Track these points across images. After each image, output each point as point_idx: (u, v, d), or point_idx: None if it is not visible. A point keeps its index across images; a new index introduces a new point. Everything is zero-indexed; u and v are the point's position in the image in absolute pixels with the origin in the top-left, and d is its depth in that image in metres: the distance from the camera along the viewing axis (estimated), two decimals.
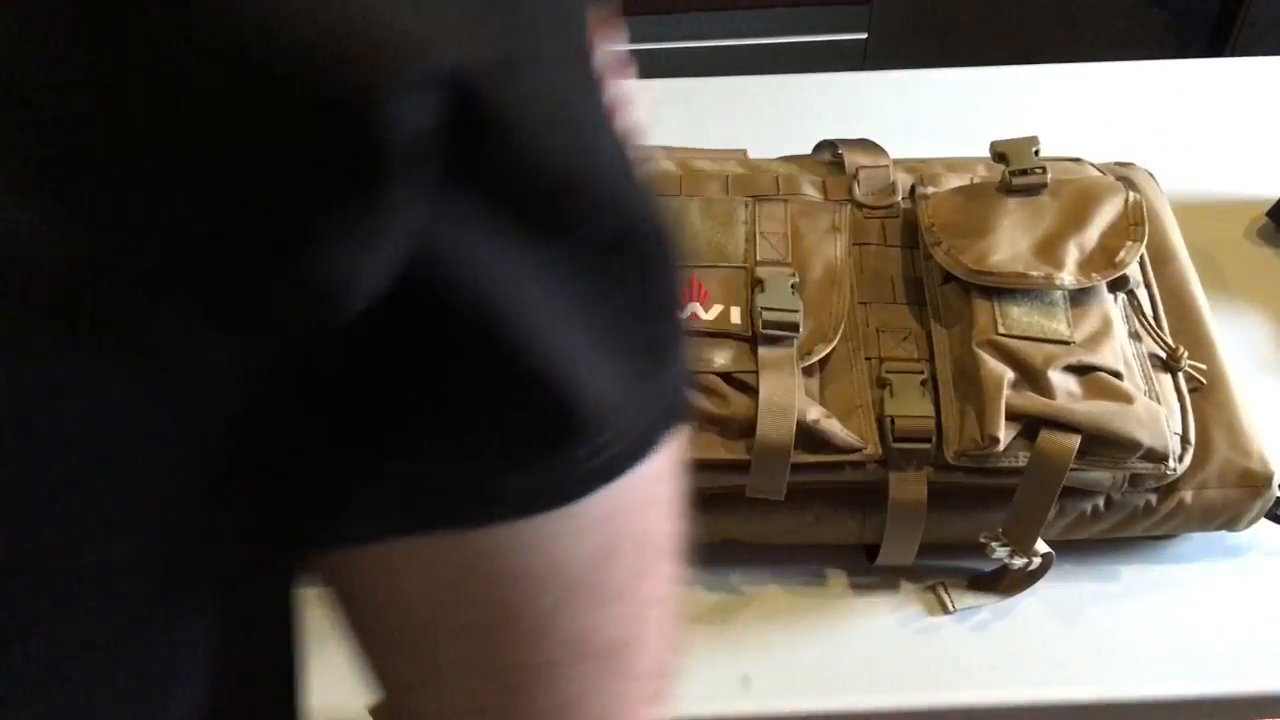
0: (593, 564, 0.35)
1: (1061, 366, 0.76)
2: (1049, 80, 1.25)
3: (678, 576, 0.40)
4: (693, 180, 0.90)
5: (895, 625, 0.82)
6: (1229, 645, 0.81)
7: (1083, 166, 0.94)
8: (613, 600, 0.37)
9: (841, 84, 1.25)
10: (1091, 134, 1.13)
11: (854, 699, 0.78)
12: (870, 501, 0.79)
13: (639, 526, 0.37)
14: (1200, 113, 1.21)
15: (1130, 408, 0.75)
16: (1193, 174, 1.12)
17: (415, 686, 0.38)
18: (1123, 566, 0.85)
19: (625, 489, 0.34)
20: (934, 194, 0.86)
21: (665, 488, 0.37)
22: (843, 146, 0.94)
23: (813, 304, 0.81)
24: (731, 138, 1.00)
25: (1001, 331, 0.77)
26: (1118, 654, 0.80)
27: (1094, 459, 0.75)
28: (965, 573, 0.84)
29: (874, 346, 0.81)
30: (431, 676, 0.37)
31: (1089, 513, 0.81)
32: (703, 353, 0.78)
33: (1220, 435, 0.82)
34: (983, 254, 0.80)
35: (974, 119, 1.18)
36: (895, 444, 0.77)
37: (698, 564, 0.84)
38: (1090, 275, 0.79)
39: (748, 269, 0.82)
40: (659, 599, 0.39)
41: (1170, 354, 0.82)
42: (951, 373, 0.78)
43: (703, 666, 0.79)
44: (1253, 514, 0.82)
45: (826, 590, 0.84)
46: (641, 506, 0.36)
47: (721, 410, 0.76)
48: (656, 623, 0.39)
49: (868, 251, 0.86)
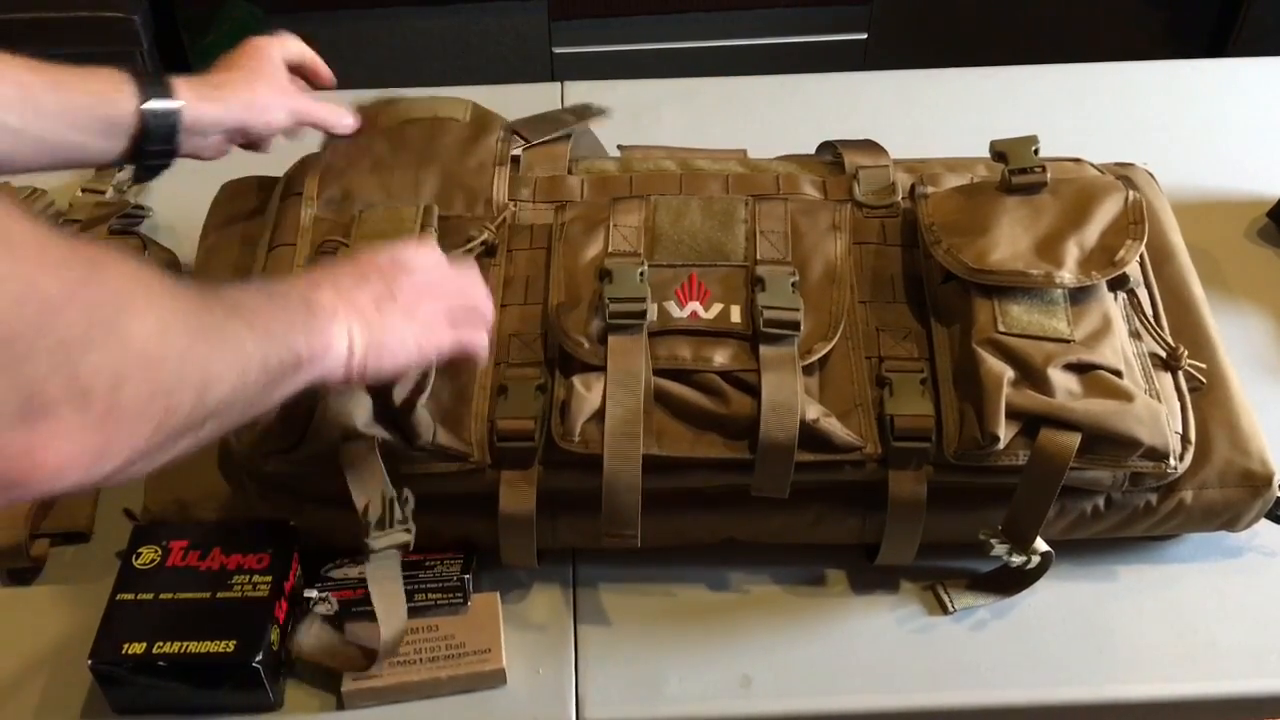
0: None
1: (1061, 365, 0.76)
2: (1049, 80, 1.25)
3: None
4: (693, 179, 0.90)
5: (895, 625, 0.82)
6: (1229, 645, 0.81)
7: (1082, 166, 0.94)
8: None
9: (841, 84, 1.25)
10: (1091, 134, 1.13)
11: (854, 699, 0.78)
12: (870, 501, 0.79)
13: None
14: (1200, 113, 1.21)
15: (1130, 406, 0.75)
16: (1193, 174, 1.12)
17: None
18: (1123, 566, 0.85)
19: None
20: (934, 193, 0.86)
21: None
22: (843, 147, 0.94)
23: (813, 303, 0.80)
24: (731, 138, 1.00)
25: (1001, 330, 0.77)
26: (1118, 654, 0.80)
27: (1094, 458, 0.75)
28: (965, 573, 0.84)
29: (874, 345, 0.81)
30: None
31: (1089, 512, 0.81)
32: (703, 351, 0.78)
33: (1220, 435, 0.82)
34: (983, 252, 0.80)
35: (974, 119, 1.18)
36: (895, 443, 0.77)
37: (698, 564, 0.84)
38: (1090, 274, 0.79)
39: (748, 268, 0.82)
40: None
41: (1170, 353, 0.82)
42: (951, 371, 0.78)
43: (703, 666, 0.79)
44: (1253, 514, 0.82)
45: (826, 590, 0.84)
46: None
47: (722, 409, 0.76)
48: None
49: (868, 251, 0.86)
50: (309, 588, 0.79)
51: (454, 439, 0.75)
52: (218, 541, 0.78)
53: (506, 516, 0.77)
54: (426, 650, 0.78)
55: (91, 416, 0.44)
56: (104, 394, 0.45)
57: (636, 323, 0.78)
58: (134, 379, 0.46)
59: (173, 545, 0.78)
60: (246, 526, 0.79)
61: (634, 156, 0.94)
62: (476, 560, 0.81)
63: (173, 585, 0.76)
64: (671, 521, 0.80)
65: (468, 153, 0.89)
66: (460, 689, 0.77)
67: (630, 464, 0.74)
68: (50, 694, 0.77)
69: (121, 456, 0.47)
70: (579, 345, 0.78)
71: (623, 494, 0.74)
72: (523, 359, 0.80)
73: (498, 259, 0.85)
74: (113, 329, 0.45)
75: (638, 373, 0.76)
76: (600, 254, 0.82)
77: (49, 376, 0.43)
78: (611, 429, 0.74)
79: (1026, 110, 1.21)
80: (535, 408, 0.77)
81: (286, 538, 0.79)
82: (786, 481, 0.76)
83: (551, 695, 0.78)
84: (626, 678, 0.79)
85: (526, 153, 0.93)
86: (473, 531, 0.80)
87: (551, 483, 0.77)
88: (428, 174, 0.87)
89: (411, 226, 0.83)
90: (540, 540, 0.79)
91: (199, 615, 0.74)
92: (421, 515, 0.78)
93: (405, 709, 0.77)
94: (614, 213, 0.84)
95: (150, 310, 0.47)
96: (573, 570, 0.84)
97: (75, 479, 0.45)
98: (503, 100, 0.99)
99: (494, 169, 0.89)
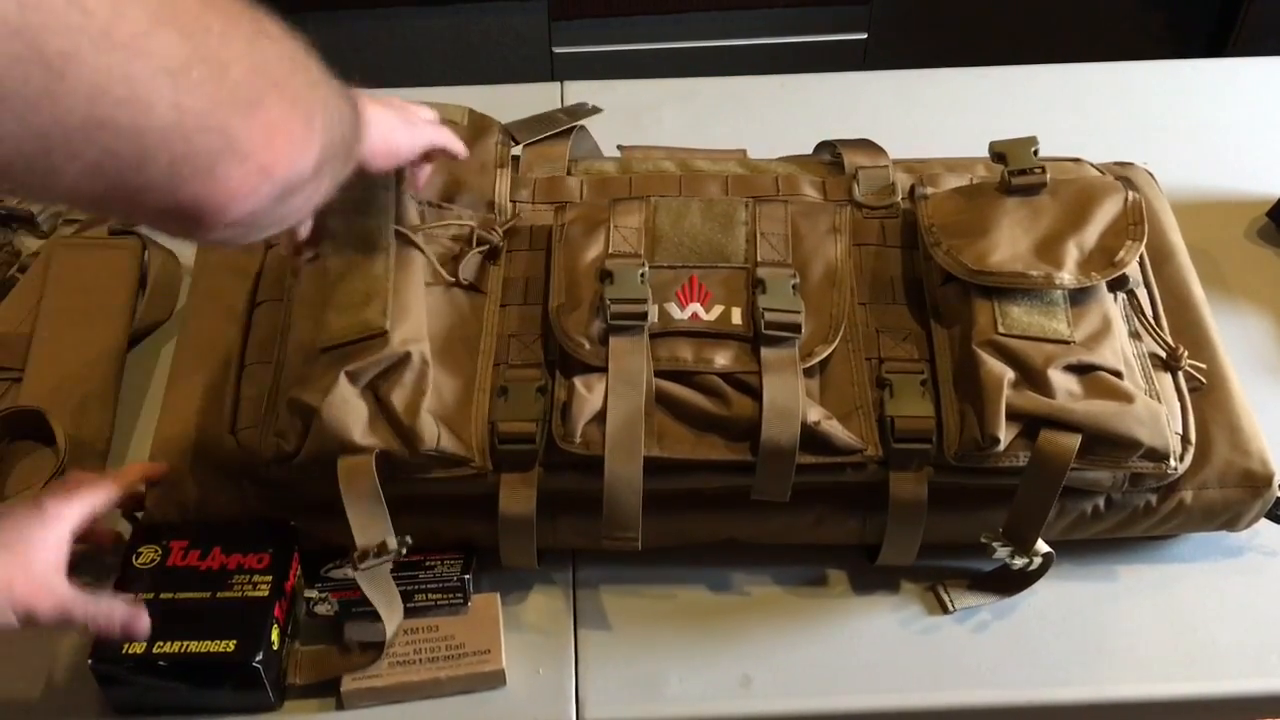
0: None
1: (1062, 366, 0.76)
2: (1049, 80, 1.25)
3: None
4: (693, 180, 0.90)
5: (895, 625, 0.82)
6: (1228, 645, 0.81)
7: (1082, 166, 0.94)
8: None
9: (841, 84, 1.25)
10: (1091, 134, 1.13)
11: (854, 699, 0.79)
12: (871, 502, 0.79)
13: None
14: (1200, 113, 1.21)
15: (1130, 407, 0.75)
16: (1193, 174, 1.12)
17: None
18: (1123, 566, 0.85)
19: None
20: (933, 194, 0.86)
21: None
22: (842, 147, 0.94)
23: (813, 305, 0.80)
24: (731, 138, 1.00)
25: (1001, 331, 0.77)
26: (1118, 654, 0.80)
27: (1095, 458, 0.75)
28: (965, 573, 0.84)
29: (874, 347, 0.81)
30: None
31: (1089, 513, 0.81)
32: (704, 353, 0.78)
33: (1220, 435, 0.82)
34: (982, 254, 0.80)
35: (973, 119, 1.18)
36: (896, 444, 0.77)
37: (698, 564, 0.84)
38: (1090, 274, 0.79)
39: (749, 269, 0.82)
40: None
41: (1170, 353, 0.82)
42: (952, 373, 0.78)
43: (703, 666, 0.79)
44: (1253, 514, 0.82)
45: (826, 590, 0.84)
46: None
47: (723, 411, 0.76)
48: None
49: (867, 252, 0.86)
50: (309, 588, 0.79)
51: (456, 443, 0.75)
52: (218, 541, 0.78)
53: (506, 518, 0.77)
54: (426, 650, 0.78)
55: (285, 102, 0.50)
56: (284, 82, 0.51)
57: (638, 324, 0.78)
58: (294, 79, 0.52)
59: (173, 545, 0.78)
60: (247, 526, 0.79)
61: (633, 157, 0.94)
62: (476, 561, 0.81)
63: (173, 585, 0.76)
64: (672, 523, 0.80)
65: (468, 154, 0.89)
66: (460, 690, 0.77)
67: (631, 465, 0.74)
68: (51, 694, 0.78)
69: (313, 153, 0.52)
70: (580, 346, 0.78)
71: (624, 495, 0.74)
72: (523, 360, 0.80)
73: (498, 260, 0.85)
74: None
75: (639, 374, 0.76)
76: (601, 255, 0.82)
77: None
78: (613, 430, 0.74)
79: (1026, 110, 1.20)
80: (536, 409, 0.77)
81: (287, 537, 0.79)
82: (788, 484, 0.76)
83: (552, 695, 0.78)
84: (626, 678, 0.79)
85: (525, 154, 0.93)
86: (473, 532, 0.80)
87: (552, 484, 0.77)
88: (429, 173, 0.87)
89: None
90: (540, 541, 0.79)
91: (199, 615, 0.74)
92: (421, 516, 0.78)
93: (405, 709, 0.77)
94: (614, 214, 0.84)
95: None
96: (573, 571, 0.84)
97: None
98: (502, 100, 0.99)
99: (495, 170, 0.89)
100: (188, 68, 0.46)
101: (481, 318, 0.82)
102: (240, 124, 0.48)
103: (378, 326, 0.74)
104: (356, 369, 0.74)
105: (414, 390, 0.74)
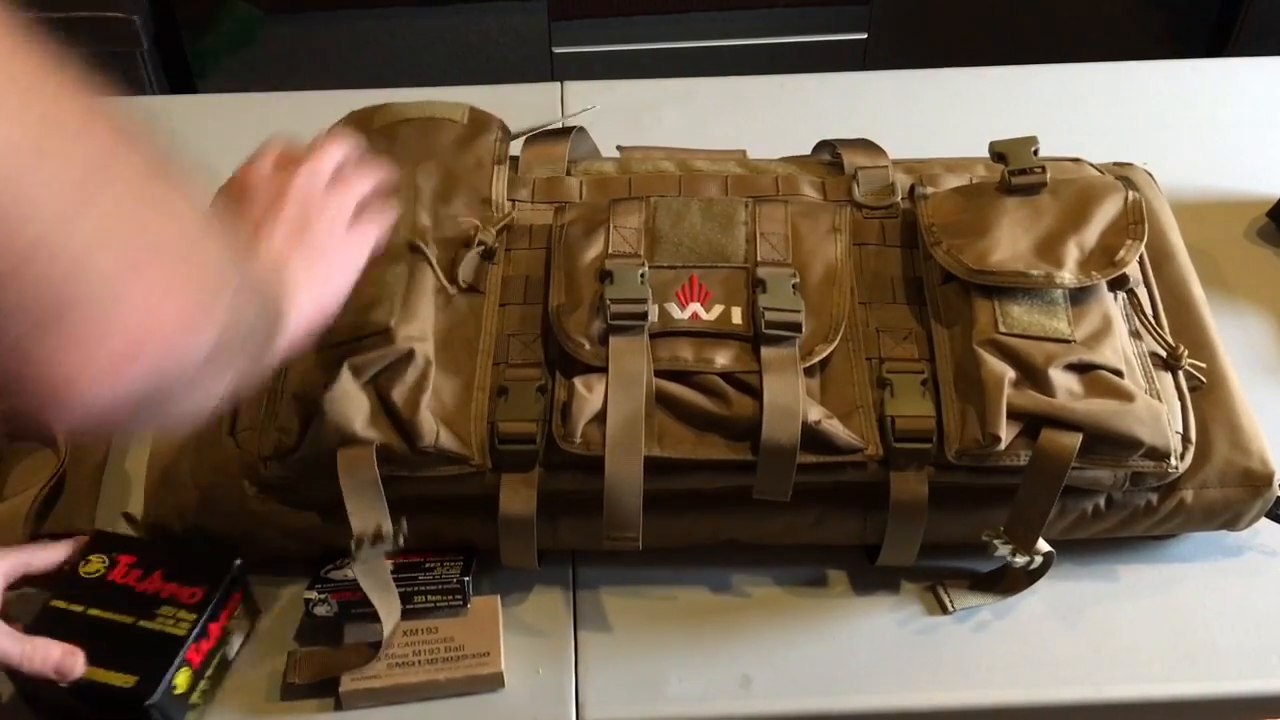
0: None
1: (1062, 365, 0.76)
2: (1048, 80, 1.25)
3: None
4: (692, 180, 0.90)
5: (895, 625, 0.82)
6: (1229, 645, 0.81)
7: (1082, 166, 0.94)
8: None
9: (841, 84, 1.25)
10: (1091, 134, 1.13)
11: (854, 699, 0.78)
12: (871, 502, 0.79)
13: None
14: (1200, 113, 1.21)
15: (1131, 406, 0.75)
16: (1193, 174, 1.12)
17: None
18: (1123, 566, 0.85)
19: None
20: (933, 194, 0.86)
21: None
22: (842, 147, 0.94)
23: (813, 305, 0.80)
24: (731, 138, 1.00)
25: (1002, 330, 0.77)
26: (1118, 654, 0.80)
27: (1095, 457, 0.75)
28: (965, 573, 0.84)
29: (874, 347, 0.81)
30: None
31: (1090, 512, 0.81)
32: (705, 353, 0.78)
33: (1221, 434, 0.82)
34: (983, 253, 0.80)
35: (973, 119, 1.18)
36: (896, 444, 0.77)
37: (698, 565, 0.84)
38: (1090, 274, 0.79)
39: (749, 269, 0.82)
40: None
41: (1171, 353, 0.82)
42: (952, 372, 0.78)
43: (703, 666, 0.79)
44: (1253, 514, 0.82)
45: (826, 590, 0.84)
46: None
47: (724, 411, 0.76)
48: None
49: (867, 252, 0.86)
50: (309, 589, 0.79)
51: (456, 441, 0.75)
52: (162, 564, 0.75)
53: (507, 518, 0.77)
54: (425, 652, 0.78)
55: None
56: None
57: (638, 324, 0.78)
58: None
59: (120, 559, 0.76)
60: (196, 554, 0.77)
61: (633, 157, 0.94)
62: (476, 562, 0.81)
63: (104, 602, 0.73)
64: (673, 523, 0.80)
65: (465, 151, 0.89)
66: (458, 691, 0.77)
67: (632, 465, 0.74)
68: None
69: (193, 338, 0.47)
70: (580, 346, 0.78)
71: (624, 496, 0.74)
72: (523, 360, 0.80)
73: (496, 259, 0.85)
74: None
75: (639, 374, 0.76)
76: (600, 255, 0.82)
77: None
78: (613, 430, 0.74)
79: (1026, 110, 1.21)
80: (536, 409, 0.77)
81: (234, 575, 0.76)
82: (788, 484, 0.76)
83: (552, 696, 0.78)
84: (626, 678, 0.79)
85: (525, 154, 0.93)
86: (473, 533, 0.80)
87: (552, 484, 0.77)
88: (425, 171, 0.87)
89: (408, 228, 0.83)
90: (540, 541, 0.79)
91: (116, 640, 0.71)
92: (421, 517, 0.78)
93: (404, 710, 0.77)
94: (614, 214, 0.84)
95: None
96: (573, 571, 0.84)
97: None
98: (502, 100, 0.99)
99: (492, 167, 0.89)
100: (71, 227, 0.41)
101: (480, 317, 0.82)
102: (112, 294, 0.43)
103: (383, 324, 0.75)
104: (360, 363, 0.74)
105: (415, 388, 0.75)
